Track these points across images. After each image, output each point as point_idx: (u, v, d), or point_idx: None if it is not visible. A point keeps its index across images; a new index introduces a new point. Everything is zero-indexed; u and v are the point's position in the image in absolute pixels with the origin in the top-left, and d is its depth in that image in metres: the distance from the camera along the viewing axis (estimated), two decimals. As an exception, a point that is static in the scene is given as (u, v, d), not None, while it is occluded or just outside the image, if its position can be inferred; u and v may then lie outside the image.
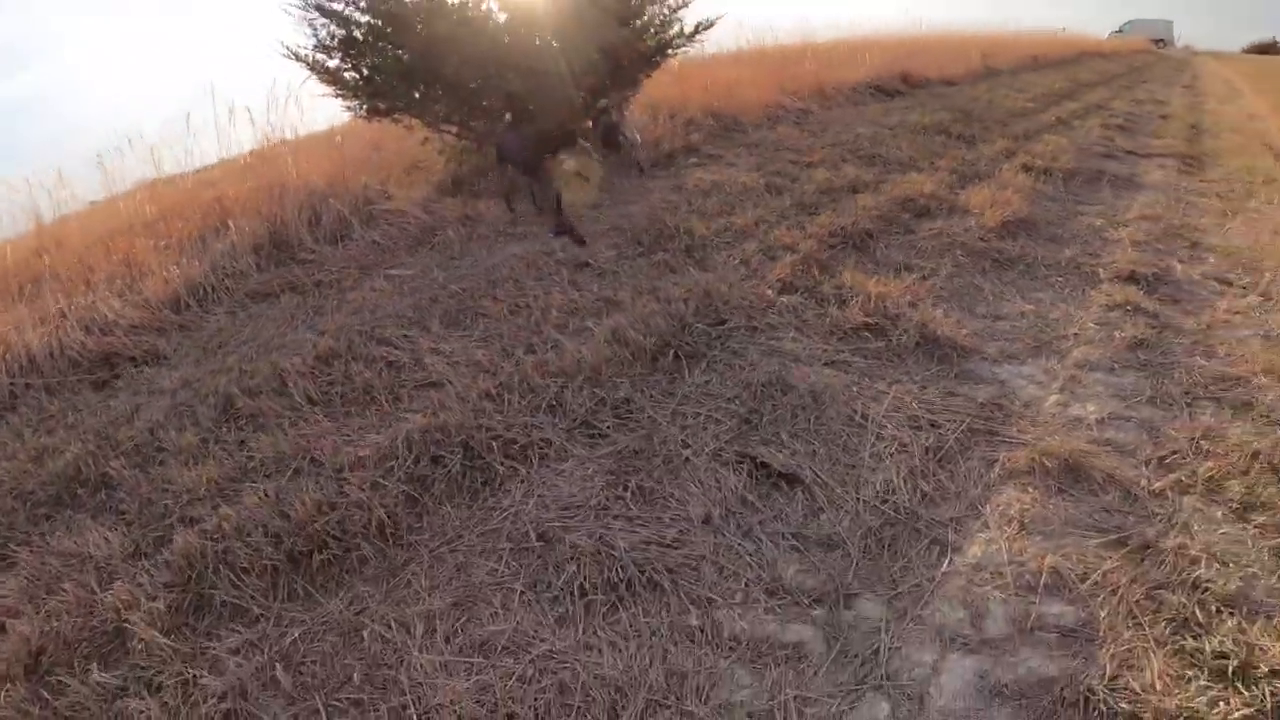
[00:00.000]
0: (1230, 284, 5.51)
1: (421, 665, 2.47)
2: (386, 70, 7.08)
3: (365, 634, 2.61)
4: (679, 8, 8.49)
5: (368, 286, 5.28)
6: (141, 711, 2.41)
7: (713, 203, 6.59)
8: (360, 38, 7.00)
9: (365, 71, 7.16)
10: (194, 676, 2.52)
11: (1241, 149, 11.08)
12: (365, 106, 7.33)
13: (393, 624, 2.64)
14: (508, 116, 7.21)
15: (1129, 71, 26.48)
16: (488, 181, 7.39)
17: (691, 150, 8.68)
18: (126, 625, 2.74)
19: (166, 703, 2.44)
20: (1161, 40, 61.70)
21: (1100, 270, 5.54)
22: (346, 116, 7.63)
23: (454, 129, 7.67)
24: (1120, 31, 59.42)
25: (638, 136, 7.99)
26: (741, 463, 3.36)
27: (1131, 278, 5.35)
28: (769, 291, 4.82)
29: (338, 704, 2.40)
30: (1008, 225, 6.29)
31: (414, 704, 2.33)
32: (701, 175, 7.56)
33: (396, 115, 7.44)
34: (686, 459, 3.40)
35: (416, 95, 7.34)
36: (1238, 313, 5.01)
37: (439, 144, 7.81)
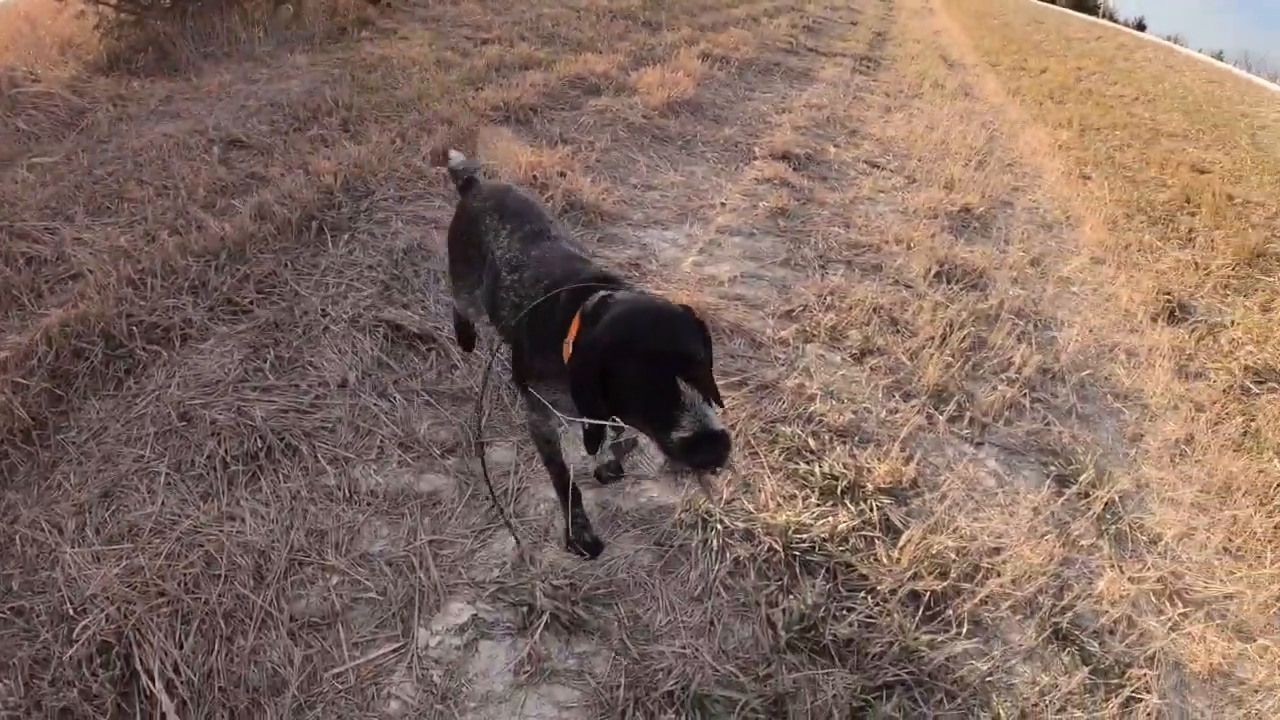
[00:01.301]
0: (879, 167, 6.02)
1: (74, 560, 2.36)
2: None
3: (19, 540, 2.45)
4: None
5: (9, 178, 4.73)
6: None
7: (376, 77, 6.37)
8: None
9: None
10: None
11: (919, 56, 12.05)
12: None
13: (45, 526, 2.49)
14: None
15: (829, -21, 27.85)
16: (146, 58, 6.81)
17: (366, 24, 8.32)
18: None
19: None
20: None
21: (756, 149, 5.91)
22: None
23: (112, 1, 7.01)
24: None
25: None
26: (378, 327, 3.36)
27: (785, 156, 5.76)
28: (420, 163, 4.76)
29: (2, 616, 2.25)
30: (673, 105, 6.54)
31: (69, 600, 2.23)
32: (371, 49, 7.29)
33: None
34: (326, 327, 3.37)
35: None
36: (881, 191, 5.49)
37: (95, 17, 7.11)
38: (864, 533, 2.56)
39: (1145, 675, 2.29)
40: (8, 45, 6.64)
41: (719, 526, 2.51)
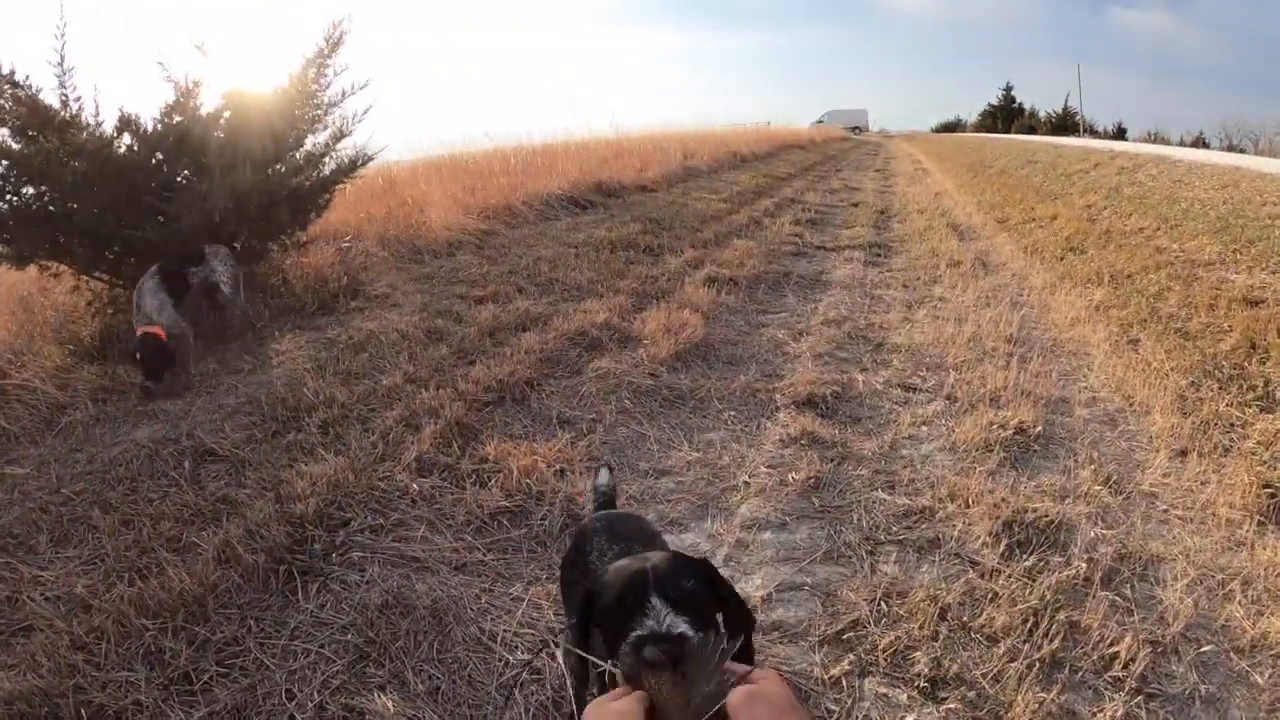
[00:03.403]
0: (914, 389, 5.44)
1: None
2: (18, 217, 6.31)
3: None
4: (336, 140, 7.96)
5: (-23, 493, 4.37)
6: None
7: (363, 360, 5.97)
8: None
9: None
10: None
11: (927, 231, 11.67)
12: (8, 253, 6.48)
13: None
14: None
15: (825, 160, 28.36)
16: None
17: (357, 289, 8.01)
18: None
19: None
20: (858, 127, 67.82)
21: (777, 396, 5.34)
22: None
23: (105, 275, 6.83)
24: (820, 122, 64.70)
25: (241, 293, 6.86)
26: (348, 719, 2.74)
27: (809, 401, 5.18)
28: (402, 476, 4.23)
29: None
30: (682, 354, 6.04)
31: None
32: (360, 323, 6.93)
33: (41, 262, 6.62)
34: (291, 716, 2.77)
35: (60, 239, 6.55)
36: (923, 424, 4.88)
37: (88, 294, 6.94)
38: None
39: None
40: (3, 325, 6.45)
41: None
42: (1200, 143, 31.26)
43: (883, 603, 3.22)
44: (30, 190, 6.38)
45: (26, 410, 5.19)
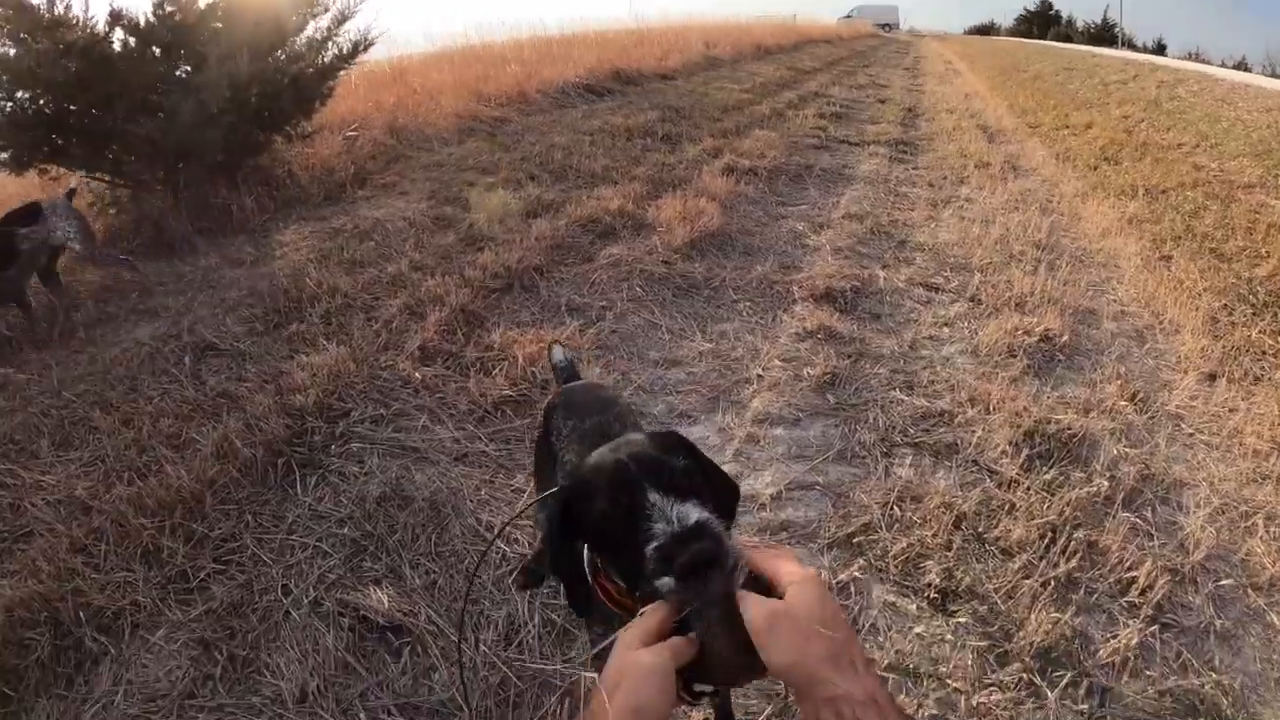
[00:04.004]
0: (937, 289, 5.28)
1: None
2: (14, 122, 6.10)
3: None
4: (340, 23, 7.65)
5: (-20, 399, 4.36)
6: None
7: (369, 248, 5.85)
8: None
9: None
10: None
11: (955, 131, 11.37)
12: (6, 160, 6.31)
13: None
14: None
15: (852, 56, 27.66)
16: (141, 236, 6.42)
17: (365, 178, 7.86)
18: None
19: None
20: (888, 25, 66.12)
21: (794, 288, 5.19)
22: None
23: (105, 176, 6.70)
24: (849, 17, 63.15)
25: (95, 241, 5.53)
26: (343, 615, 2.70)
27: (827, 295, 5.03)
28: (405, 365, 4.15)
29: None
30: (697, 242, 5.87)
31: None
32: (367, 211, 6.79)
33: (41, 166, 6.44)
34: (286, 612, 2.74)
35: (59, 142, 6.37)
36: (945, 325, 4.75)
37: (90, 195, 6.80)
38: None
39: None
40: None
41: None
42: (1242, 67, 30.31)
43: (896, 507, 3.13)
44: (24, 94, 6.18)
45: (27, 314, 5.09)
